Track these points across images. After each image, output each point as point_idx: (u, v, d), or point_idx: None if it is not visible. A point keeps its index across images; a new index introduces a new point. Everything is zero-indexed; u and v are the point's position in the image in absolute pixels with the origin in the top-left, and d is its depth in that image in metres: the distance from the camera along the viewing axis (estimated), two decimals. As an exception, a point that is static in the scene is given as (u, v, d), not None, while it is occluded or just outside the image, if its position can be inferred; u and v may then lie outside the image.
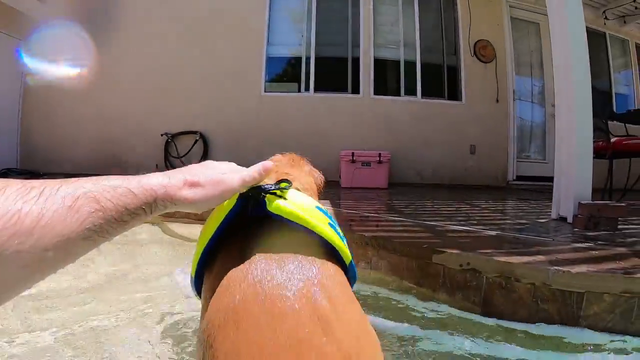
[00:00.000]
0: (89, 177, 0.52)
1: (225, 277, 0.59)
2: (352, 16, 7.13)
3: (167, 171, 0.62)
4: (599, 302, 1.63)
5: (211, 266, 0.69)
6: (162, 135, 6.93)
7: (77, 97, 7.30)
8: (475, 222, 3.12)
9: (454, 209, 4.04)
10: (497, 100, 7.28)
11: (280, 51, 7.23)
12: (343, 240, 0.72)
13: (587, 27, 3.07)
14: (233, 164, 0.73)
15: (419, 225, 2.80)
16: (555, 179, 3.29)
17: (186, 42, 7.01)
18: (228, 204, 0.69)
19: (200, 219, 3.58)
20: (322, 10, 7.07)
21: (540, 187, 7.18)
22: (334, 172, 6.67)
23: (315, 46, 6.98)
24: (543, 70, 7.87)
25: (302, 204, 0.70)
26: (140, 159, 7.11)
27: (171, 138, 6.92)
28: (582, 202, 2.97)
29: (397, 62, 7.17)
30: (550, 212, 3.50)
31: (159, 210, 0.58)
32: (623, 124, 4.78)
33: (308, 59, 6.99)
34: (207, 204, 0.64)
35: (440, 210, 3.92)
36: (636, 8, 7.64)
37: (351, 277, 0.72)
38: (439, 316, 1.81)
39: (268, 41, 7.02)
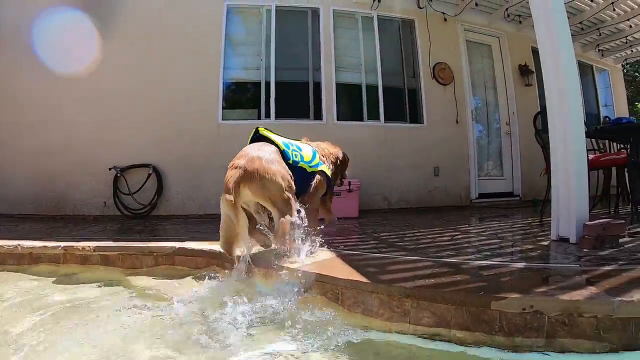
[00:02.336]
0: None
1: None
2: (312, 40, 6.95)
3: None
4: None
5: None
6: (110, 169, 6.32)
7: (9, 126, 6.53)
8: (489, 253, 2.96)
9: (449, 237, 3.85)
10: (457, 122, 7.36)
11: (238, 76, 6.87)
12: (286, 146, 2.92)
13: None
14: None
15: (442, 264, 2.56)
16: (553, 204, 3.23)
17: (134, 66, 6.48)
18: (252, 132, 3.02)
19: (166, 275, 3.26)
20: (281, 33, 6.81)
21: (501, 203, 7.45)
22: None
23: (275, 70, 6.67)
24: (496, 90, 8.11)
25: (276, 136, 2.98)
26: (86, 196, 6.43)
27: (120, 172, 6.32)
28: (587, 222, 3.00)
29: (359, 87, 7.05)
30: (543, 232, 3.74)
31: None
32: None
33: (268, 83, 6.65)
34: None
35: (437, 241, 3.70)
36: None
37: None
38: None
39: (224, 65, 6.65)
